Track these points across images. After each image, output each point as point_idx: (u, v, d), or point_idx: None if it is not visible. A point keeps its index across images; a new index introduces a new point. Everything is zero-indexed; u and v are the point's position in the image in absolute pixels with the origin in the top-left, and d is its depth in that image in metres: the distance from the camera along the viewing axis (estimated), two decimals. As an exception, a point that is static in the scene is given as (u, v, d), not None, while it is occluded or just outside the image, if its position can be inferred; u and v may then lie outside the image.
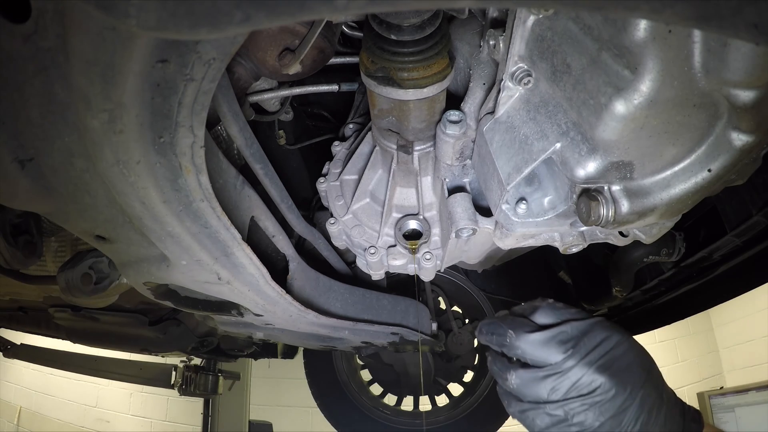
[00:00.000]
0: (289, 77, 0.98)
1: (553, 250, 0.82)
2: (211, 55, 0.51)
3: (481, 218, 0.86)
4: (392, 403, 2.92)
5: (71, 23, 0.48)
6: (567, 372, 0.62)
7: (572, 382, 0.61)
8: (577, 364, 0.62)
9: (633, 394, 0.61)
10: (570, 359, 0.62)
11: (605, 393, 0.60)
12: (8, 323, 2.28)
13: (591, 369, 0.61)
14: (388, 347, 1.46)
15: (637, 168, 0.62)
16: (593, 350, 0.63)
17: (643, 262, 1.38)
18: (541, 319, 0.69)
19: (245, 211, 0.95)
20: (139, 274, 0.90)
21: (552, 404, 0.62)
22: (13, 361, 3.43)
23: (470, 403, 2.76)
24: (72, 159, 0.64)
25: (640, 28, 0.49)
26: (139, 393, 4.43)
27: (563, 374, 0.62)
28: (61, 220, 0.77)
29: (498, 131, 0.75)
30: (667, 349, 4.60)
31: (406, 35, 0.70)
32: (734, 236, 1.20)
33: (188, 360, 3.11)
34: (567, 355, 0.62)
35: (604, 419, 0.60)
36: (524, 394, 0.65)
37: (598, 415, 0.60)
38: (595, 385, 0.61)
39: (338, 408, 2.83)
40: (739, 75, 0.49)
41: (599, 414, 0.60)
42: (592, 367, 0.61)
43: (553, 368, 0.63)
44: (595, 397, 0.60)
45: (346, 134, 1.18)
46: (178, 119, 0.56)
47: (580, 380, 0.61)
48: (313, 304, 1.08)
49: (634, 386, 0.61)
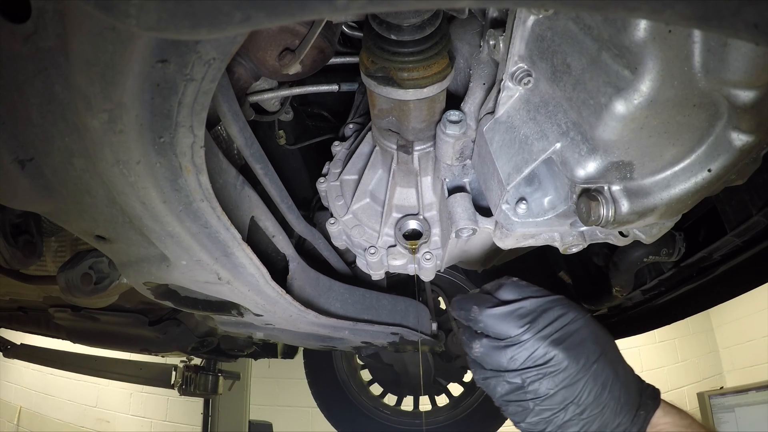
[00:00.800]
0: (289, 77, 0.98)
1: (553, 250, 0.82)
2: (211, 55, 0.51)
3: (481, 218, 0.86)
4: (392, 403, 2.92)
5: (71, 23, 0.48)
6: (524, 344, 0.67)
7: (528, 353, 0.66)
8: (533, 337, 0.67)
9: (586, 367, 0.65)
10: (527, 333, 0.67)
11: (558, 365, 0.65)
12: (8, 323, 2.28)
13: (545, 342, 0.66)
14: (388, 347, 1.46)
15: (637, 168, 0.62)
16: (549, 325, 0.67)
17: (643, 262, 1.38)
18: (504, 295, 0.74)
19: (245, 211, 0.95)
20: (139, 274, 0.90)
21: (510, 373, 0.67)
22: (13, 361, 3.43)
23: (470, 403, 2.76)
24: (72, 159, 0.64)
25: (640, 28, 0.49)
26: (139, 393, 4.43)
27: (521, 345, 0.67)
28: (61, 220, 0.77)
29: (498, 131, 0.75)
30: (667, 349, 4.60)
31: (406, 35, 0.70)
32: (734, 236, 1.20)
33: (188, 360, 3.11)
34: (524, 329, 0.67)
35: (557, 389, 0.64)
36: (487, 362, 0.70)
37: (552, 384, 0.64)
38: (548, 357, 0.65)
39: (338, 408, 2.83)
40: (739, 75, 0.49)
41: (553, 384, 0.64)
42: (546, 341, 0.66)
43: (512, 340, 0.68)
44: (548, 368, 0.65)
45: (346, 134, 1.18)
46: (178, 119, 0.56)
47: (535, 352, 0.66)
48: (313, 304, 1.08)
49: (588, 360, 0.65)
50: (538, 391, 0.65)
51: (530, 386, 0.66)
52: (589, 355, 0.65)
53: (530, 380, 0.66)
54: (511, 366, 0.67)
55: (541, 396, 0.65)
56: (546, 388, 0.65)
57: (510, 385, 0.68)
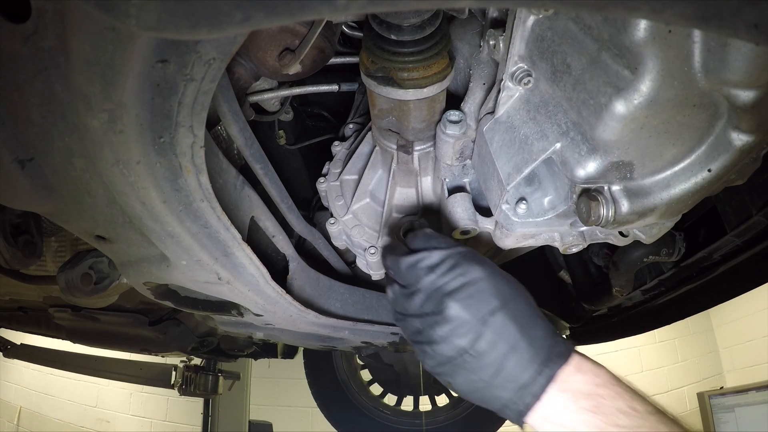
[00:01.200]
0: (289, 77, 0.98)
1: (553, 250, 0.82)
2: (211, 55, 0.51)
3: (481, 218, 0.86)
4: (392, 403, 2.92)
5: (71, 23, 0.48)
6: (421, 292, 0.71)
7: (423, 301, 0.70)
8: (431, 287, 0.70)
9: (481, 319, 0.67)
10: (425, 282, 0.71)
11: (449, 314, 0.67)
12: (8, 323, 2.28)
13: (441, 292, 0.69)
14: (388, 347, 1.46)
15: (637, 168, 0.62)
16: (447, 274, 0.70)
17: (643, 262, 1.38)
18: (414, 244, 0.76)
19: (245, 211, 0.95)
20: (139, 274, 0.90)
21: (411, 317, 0.72)
22: (13, 361, 3.42)
23: (470, 403, 2.76)
24: (72, 159, 0.64)
25: (640, 28, 0.49)
26: (139, 393, 4.43)
27: (419, 294, 0.71)
28: (61, 220, 0.77)
29: (498, 131, 0.75)
30: (667, 349, 4.60)
31: (406, 35, 0.70)
32: (734, 236, 1.20)
33: (188, 360, 3.11)
34: (424, 278, 0.71)
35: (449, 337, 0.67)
36: (396, 305, 0.76)
37: (444, 332, 0.67)
38: (441, 307, 0.68)
39: (338, 408, 2.83)
40: (739, 75, 0.49)
41: (444, 332, 0.67)
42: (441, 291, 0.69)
43: (412, 288, 0.72)
44: (440, 317, 0.68)
45: (346, 134, 1.17)
46: (178, 119, 0.56)
47: (430, 300, 0.70)
48: (313, 304, 1.08)
49: (483, 312, 0.67)
50: (432, 337, 0.69)
51: (426, 332, 0.69)
52: (486, 307, 0.67)
53: (426, 326, 0.70)
54: (410, 311, 0.72)
55: (436, 342, 0.68)
56: (438, 336, 0.68)
57: (412, 329, 0.72)
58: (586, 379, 0.66)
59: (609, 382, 0.66)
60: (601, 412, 0.64)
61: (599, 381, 0.66)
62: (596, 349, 1.03)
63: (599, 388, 0.65)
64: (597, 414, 0.64)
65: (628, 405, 0.64)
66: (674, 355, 4.60)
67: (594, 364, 0.69)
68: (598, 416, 0.63)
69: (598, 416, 0.63)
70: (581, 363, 0.68)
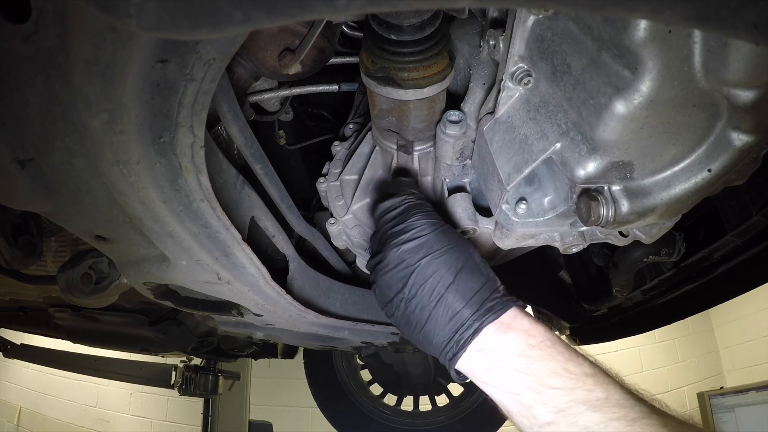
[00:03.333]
0: (289, 77, 0.98)
1: (553, 250, 0.82)
2: (211, 55, 0.51)
3: (481, 218, 0.86)
4: (392, 403, 2.91)
5: (71, 23, 0.48)
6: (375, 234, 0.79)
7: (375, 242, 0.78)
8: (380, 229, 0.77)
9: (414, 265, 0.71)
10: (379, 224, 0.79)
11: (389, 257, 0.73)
12: (8, 323, 2.28)
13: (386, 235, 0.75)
14: (388, 347, 1.46)
15: (637, 168, 0.62)
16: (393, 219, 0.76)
17: (643, 262, 1.38)
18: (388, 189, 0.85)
19: (245, 211, 0.95)
20: (139, 274, 0.90)
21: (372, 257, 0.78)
22: (13, 361, 3.42)
23: (470, 403, 2.76)
24: (72, 159, 0.64)
25: (640, 28, 0.49)
26: (139, 393, 4.43)
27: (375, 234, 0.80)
28: (61, 220, 0.77)
29: (498, 131, 0.75)
30: (667, 349, 4.60)
31: (406, 35, 0.70)
32: (734, 236, 1.20)
33: (188, 360, 3.10)
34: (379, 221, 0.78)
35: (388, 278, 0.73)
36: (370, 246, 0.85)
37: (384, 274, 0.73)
38: (383, 248, 0.75)
39: (338, 408, 2.83)
40: (739, 75, 0.49)
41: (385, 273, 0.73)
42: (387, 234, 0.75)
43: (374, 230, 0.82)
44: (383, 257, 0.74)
45: (346, 134, 1.17)
46: (178, 119, 0.56)
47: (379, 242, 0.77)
48: (313, 304, 1.08)
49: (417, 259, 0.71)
50: (377, 276, 0.75)
51: (375, 272, 0.76)
52: (419, 254, 0.71)
53: (374, 265, 0.76)
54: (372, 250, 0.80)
55: (378, 282, 0.75)
56: (380, 276, 0.74)
57: (370, 267, 0.78)
58: (519, 338, 0.66)
59: (543, 342, 0.66)
60: (533, 373, 0.63)
61: (533, 341, 0.66)
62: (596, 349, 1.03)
63: (532, 348, 0.65)
64: (528, 375, 0.63)
65: (562, 366, 0.63)
66: (674, 355, 4.61)
67: (532, 322, 0.69)
68: (530, 377, 0.63)
69: (530, 377, 0.63)
70: (517, 321, 0.68)
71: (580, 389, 0.61)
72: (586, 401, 0.60)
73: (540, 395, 0.62)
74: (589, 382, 0.61)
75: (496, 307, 0.68)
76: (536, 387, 0.63)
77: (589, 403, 0.59)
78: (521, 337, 0.66)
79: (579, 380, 0.62)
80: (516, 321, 0.68)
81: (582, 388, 0.61)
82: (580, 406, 0.59)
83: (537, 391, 0.62)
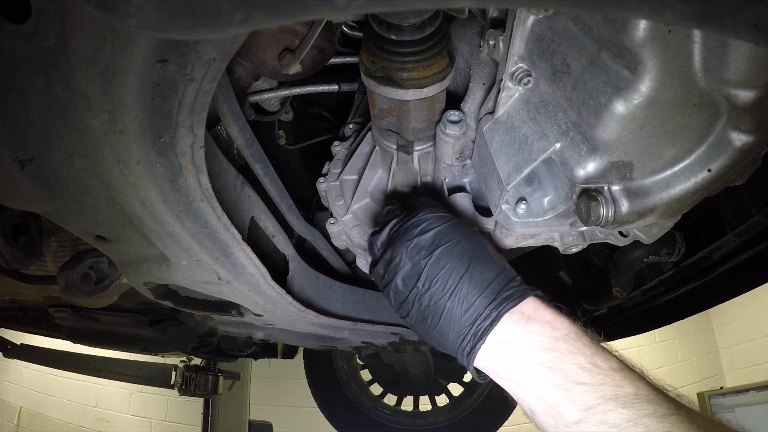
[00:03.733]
0: (289, 77, 0.98)
1: (553, 250, 0.82)
2: (211, 55, 0.51)
3: (481, 218, 0.86)
4: (392, 403, 2.91)
5: (71, 23, 0.48)
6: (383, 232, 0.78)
7: (384, 242, 0.77)
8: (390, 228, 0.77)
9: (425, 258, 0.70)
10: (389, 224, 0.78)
11: (400, 254, 0.72)
12: (8, 323, 2.28)
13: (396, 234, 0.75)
14: (388, 347, 1.46)
15: (637, 168, 0.62)
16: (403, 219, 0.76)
17: (643, 262, 1.38)
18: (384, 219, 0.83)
19: (245, 211, 0.95)
20: (139, 274, 0.90)
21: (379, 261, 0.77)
22: (13, 361, 3.42)
23: (470, 403, 2.76)
24: (72, 159, 0.64)
25: (640, 28, 0.49)
26: (139, 393, 4.43)
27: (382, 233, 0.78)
28: (61, 220, 0.77)
29: (498, 131, 0.75)
30: (667, 349, 4.60)
31: (406, 35, 0.70)
32: (734, 236, 1.20)
33: (188, 360, 3.10)
34: (390, 222, 0.78)
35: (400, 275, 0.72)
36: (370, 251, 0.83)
37: (397, 271, 0.72)
38: (394, 246, 0.73)
39: (338, 408, 2.83)
40: (739, 75, 0.49)
41: (397, 271, 0.72)
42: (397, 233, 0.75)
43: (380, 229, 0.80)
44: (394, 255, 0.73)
45: (346, 134, 1.17)
46: (178, 119, 0.56)
47: (389, 241, 0.76)
48: (313, 304, 1.08)
49: (427, 253, 0.70)
50: (389, 277, 0.73)
51: (388, 273, 0.74)
52: (429, 247, 0.70)
53: (385, 265, 0.75)
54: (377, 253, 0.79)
55: (390, 282, 0.73)
56: (393, 275, 0.72)
57: (379, 273, 0.77)
58: (542, 330, 0.62)
59: (569, 335, 0.62)
60: (559, 368, 0.60)
61: (557, 334, 0.62)
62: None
63: (557, 342, 0.61)
64: (554, 370, 0.60)
65: (589, 361, 0.59)
66: (674, 355, 4.61)
67: (555, 313, 0.65)
68: (556, 372, 0.59)
69: (555, 372, 0.59)
70: (539, 312, 0.64)
71: (609, 385, 0.57)
72: (615, 397, 0.56)
73: (567, 392, 0.58)
74: (617, 378, 0.58)
75: (514, 295, 0.65)
76: (563, 383, 0.58)
77: (619, 399, 0.56)
78: (545, 329, 0.62)
79: (607, 375, 0.58)
80: (538, 312, 0.64)
81: (610, 383, 0.57)
82: (609, 402, 0.56)
83: (564, 387, 0.58)
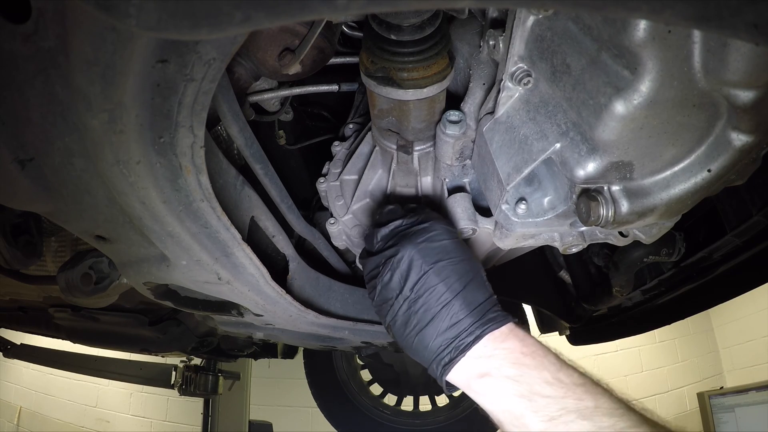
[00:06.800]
0: (289, 77, 0.98)
1: (553, 250, 0.82)
2: (211, 55, 0.51)
3: (481, 218, 0.86)
4: (392, 403, 2.91)
5: (71, 23, 0.48)
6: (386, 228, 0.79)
7: (385, 238, 0.78)
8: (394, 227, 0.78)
9: (430, 265, 0.71)
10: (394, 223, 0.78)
11: (404, 255, 0.73)
12: (8, 323, 2.28)
13: (401, 234, 0.76)
14: (388, 347, 1.46)
15: (637, 168, 0.62)
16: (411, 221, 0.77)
17: (643, 262, 1.38)
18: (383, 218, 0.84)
19: (245, 211, 0.95)
20: (139, 274, 0.90)
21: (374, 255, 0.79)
22: (13, 361, 3.42)
23: (470, 403, 2.75)
24: (72, 159, 0.64)
25: (640, 29, 0.49)
26: (139, 393, 4.43)
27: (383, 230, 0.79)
28: (61, 220, 0.77)
29: (498, 131, 0.75)
30: (667, 349, 4.60)
31: (406, 35, 0.70)
32: (734, 236, 1.20)
33: (188, 360, 3.10)
34: (394, 221, 0.78)
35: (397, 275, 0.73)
36: (366, 243, 0.85)
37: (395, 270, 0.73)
38: (399, 247, 0.74)
39: (338, 408, 2.83)
40: (739, 75, 0.49)
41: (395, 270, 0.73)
42: (402, 233, 0.76)
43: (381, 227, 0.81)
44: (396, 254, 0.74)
45: (346, 134, 1.17)
46: (178, 119, 0.56)
47: (390, 239, 0.77)
48: (313, 304, 1.08)
49: (433, 261, 0.72)
50: (383, 274, 0.75)
51: (381, 269, 0.75)
52: (436, 256, 0.72)
53: (381, 262, 0.76)
54: (374, 248, 0.80)
55: (384, 280, 0.74)
56: (388, 273, 0.74)
57: (372, 265, 0.79)
58: (514, 347, 0.67)
59: (536, 353, 0.67)
60: (525, 382, 0.64)
61: (526, 350, 0.67)
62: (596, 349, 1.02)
63: (525, 357, 0.66)
64: (520, 383, 0.64)
65: (553, 376, 0.64)
66: (674, 355, 4.60)
67: (526, 335, 0.70)
68: (522, 385, 0.64)
69: (522, 385, 0.64)
70: (513, 333, 0.70)
71: (571, 398, 0.62)
72: (576, 410, 0.61)
73: (531, 403, 0.63)
74: (579, 392, 0.63)
75: (497, 318, 0.70)
76: (528, 395, 0.64)
77: (579, 411, 0.61)
78: (516, 346, 0.68)
79: (569, 389, 0.63)
80: (513, 333, 0.70)
81: (572, 397, 0.62)
82: (571, 414, 0.61)
83: (528, 398, 0.63)
